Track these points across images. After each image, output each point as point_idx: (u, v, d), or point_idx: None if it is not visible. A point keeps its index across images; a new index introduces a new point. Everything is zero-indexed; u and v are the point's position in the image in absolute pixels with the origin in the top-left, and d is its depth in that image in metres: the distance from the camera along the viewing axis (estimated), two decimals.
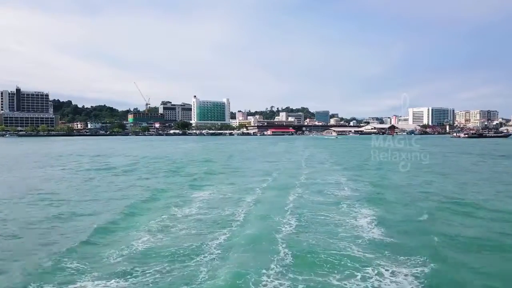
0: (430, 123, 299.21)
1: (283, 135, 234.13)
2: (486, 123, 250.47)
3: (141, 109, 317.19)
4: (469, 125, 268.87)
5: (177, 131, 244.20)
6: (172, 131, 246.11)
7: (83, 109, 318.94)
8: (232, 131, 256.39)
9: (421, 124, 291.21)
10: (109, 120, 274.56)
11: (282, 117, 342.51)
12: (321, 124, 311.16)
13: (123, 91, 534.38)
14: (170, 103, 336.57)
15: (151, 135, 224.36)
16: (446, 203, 15.72)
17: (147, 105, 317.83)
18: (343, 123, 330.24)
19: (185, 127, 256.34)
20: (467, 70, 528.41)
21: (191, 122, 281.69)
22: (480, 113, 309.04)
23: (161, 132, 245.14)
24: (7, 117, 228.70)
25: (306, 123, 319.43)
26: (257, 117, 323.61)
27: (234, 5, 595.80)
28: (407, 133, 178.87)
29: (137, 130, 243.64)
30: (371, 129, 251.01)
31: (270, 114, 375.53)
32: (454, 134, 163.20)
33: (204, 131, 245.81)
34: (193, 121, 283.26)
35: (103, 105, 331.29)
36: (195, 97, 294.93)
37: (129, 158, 43.43)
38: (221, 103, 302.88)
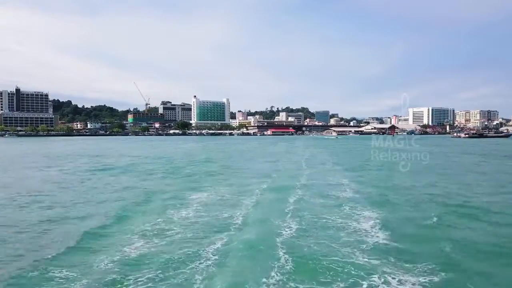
0: (430, 123, 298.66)
1: (283, 135, 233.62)
2: (486, 123, 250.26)
3: (141, 109, 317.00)
4: (469, 125, 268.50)
5: (177, 131, 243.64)
6: (172, 131, 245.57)
7: (83, 109, 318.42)
8: (232, 131, 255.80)
9: (421, 124, 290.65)
10: (109, 120, 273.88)
11: (282, 117, 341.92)
12: (321, 124, 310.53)
13: (123, 91, 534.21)
14: (170, 103, 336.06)
15: (150, 135, 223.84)
16: (452, 206, 15.14)
17: (147, 105, 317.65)
18: (343, 123, 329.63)
19: (185, 127, 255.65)
20: (467, 70, 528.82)
21: (191, 122, 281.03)
22: (480, 113, 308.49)
23: (161, 132, 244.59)
24: (6, 117, 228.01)
25: (306, 123, 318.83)
26: (257, 117, 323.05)
27: (234, 5, 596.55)
28: (407, 133, 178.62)
29: (137, 130, 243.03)
30: (371, 129, 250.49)
31: (270, 114, 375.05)
32: (454, 134, 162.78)
33: (204, 131, 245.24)
34: (193, 121, 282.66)
35: (103, 105, 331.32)
36: (195, 97, 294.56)
37: (127, 158, 42.94)
38: (221, 103, 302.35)
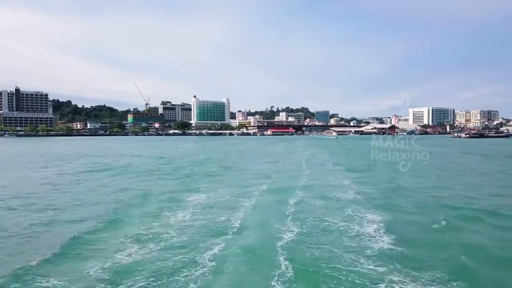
0: (430, 123, 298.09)
1: (283, 135, 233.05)
2: (486, 123, 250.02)
3: (141, 109, 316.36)
4: (470, 125, 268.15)
5: (176, 131, 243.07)
6: (171, 131, 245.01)
7: (82, 109, 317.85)
8: (232, 131, 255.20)
9: (422, 124, 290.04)
10: (108, 120, 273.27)
11: (282, 117, 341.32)
12: (321, 124, 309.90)
13: (123, 91, 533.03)
14: (170, 103, 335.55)
15: (150, 135, 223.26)
16: (458, 208, 14.60)
17: (146, 105, 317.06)
18: (343, 123, 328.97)
19: (184, 127, 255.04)
20: (467, 70, 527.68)
21: (191, 122, 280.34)
22: (480, 113, 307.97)
23: (160, 132, 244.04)
24: (6, 117, 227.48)
25: (306, 123, 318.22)
26: (257, 117, 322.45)
27: (234, 5, 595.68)
28: (408, 133, 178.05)
29: (137, 130, 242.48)
30: (372, 129, 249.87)
31: (270, 114, 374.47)
32: (455, 134, 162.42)
33: (204, 131, 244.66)
34: (193, 121, 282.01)
35: (103, 105, 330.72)
36: (195, 97, 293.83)
37: (126, 158, 42.46)
38: (221, 103, 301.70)
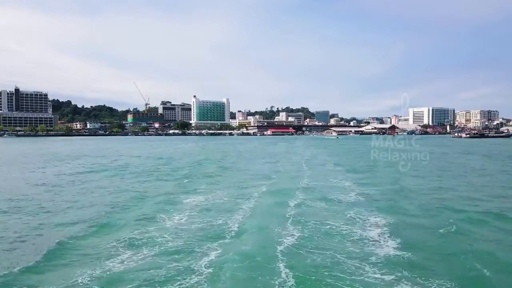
0: (430, 123, 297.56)
1: (283, 135, 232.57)
2: (486, 123, 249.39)
3: (141, 109, 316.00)
4: (470, 125, 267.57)
5: (176, 131, 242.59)
6: (171, 131, 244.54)
7: (82, 109, 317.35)
8: (232, 131, 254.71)
9: (422, 124, 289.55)
10: (108, 120, 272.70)
11: (282, 117, 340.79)
12: (321, 124, 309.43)
13: (123, 91, 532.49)
14: (169, 103, 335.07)
15: (150, 135, 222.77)
16: (465, 211, 14.07)
17: (146, 105, 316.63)
18: (343, 123, 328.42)
19: (184, 127, 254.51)
20: (467, 70, 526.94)
21: (190, 122, 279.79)
22: (480, 113, 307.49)
23: (160, 132, 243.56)
24: (5, 117, 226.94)
25: (306, 123, 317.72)
26: (257, 117, 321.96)
27: (234, 5, 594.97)
28: (408, 133, 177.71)
29: (137, 130, 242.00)
30: (372, 129, 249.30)
31: (270, 114, 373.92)
32: (455, 134, 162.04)
33: (203, 131, 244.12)
34: (193, 121, 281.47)
35: (103, 105, 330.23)
36: (195, 97, 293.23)
37: (125, 159, 41.99)
38: (221, 103, 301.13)
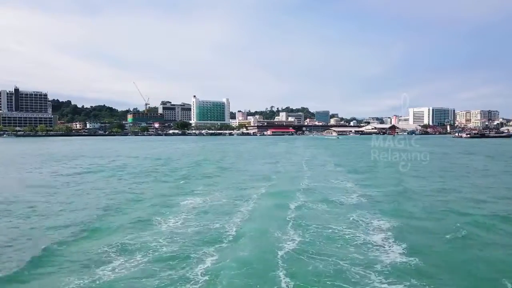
0: (430, 123, 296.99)
1: (283, 135, 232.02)
2: (487, 123, 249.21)
3: (141, 109, 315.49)
4: (470, 125, 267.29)
5: (176, 131, 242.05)
6: (171, 131, 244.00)
7: (82, 109, 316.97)
8: (231, 131, 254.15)
9: (422, 124, 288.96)
10: (108, 120, 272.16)
11: (282, 117, 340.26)
12: (321, 124, 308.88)
13: (123, 91, 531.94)
14: (169, 103, 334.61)
15: (150, 135, 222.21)
16: (472, 215, 13.50)
17: (146, 105, 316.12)
18: (343, 123, 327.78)
19: (184, 127, 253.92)
20: (467, 70, 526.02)
21: (190, 122, 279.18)
22: (481, 113, 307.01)
23: (160, 132, 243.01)
24: (5, 117, 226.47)
25: (306, 123, 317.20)
26: (257, 117, 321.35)
27: (234, 5, 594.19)
28: (408, 133, 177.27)
29: (136, 130, 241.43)
30: (372, 129, 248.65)
31: (270, 114, 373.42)
32: (456, 134, 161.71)
33: (203, 131, 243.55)
34: (193, 121, 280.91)
35: (103, 105, 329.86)
36: (195, 97, 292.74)
37: (123, 159, 41.48)
38: (221, 103, 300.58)
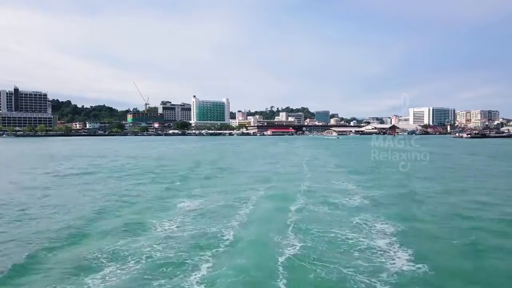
0: (430, 123, 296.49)
1: (283, 135, 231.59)
2: (487, 123, 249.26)
3: (141, 109, 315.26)
4: (470, 125, 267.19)
5: (176, 131, 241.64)
6: (171, 131, 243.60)
7: (82, 109, 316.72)
8: (231, 131, 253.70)
9: (422, 124, 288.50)
10: (108, 120, 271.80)
11: (282, 117, 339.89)
12: (321, 124, 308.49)
13: (123, 91, 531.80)
14: (169, 103, 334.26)
15: (150, 135, 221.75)
16: (478, 219, 12.96)
17: (146, 105, 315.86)
18: (343, 123, 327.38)
19: (184, 127, 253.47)
20: (467, 70, 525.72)
21: (190, 122, 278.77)
22: (481, 113, 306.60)
23: (160, 132, 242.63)
24: (5, 117, 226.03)
25: (306, 123, 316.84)
26: (257, 117, 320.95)
27: (234, 5, 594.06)
28: (408, 133, 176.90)
29: (136, 130, 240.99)
30: (372, 129, 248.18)
31: (270, 114, 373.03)
32: (456, 134, 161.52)
33: (203, 131, 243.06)
34: (193, 121, 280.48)
35: (103, 105, 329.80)
36: (195, 97, 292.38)
37: (120, 160, 40.98)
38: (221, 103, 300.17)
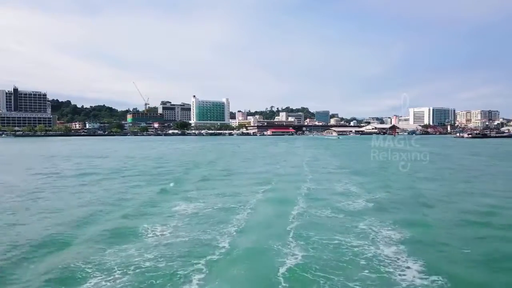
0: (431, 123, 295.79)
1: (283, 135, 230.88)
2: (487, 123, 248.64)
3: (141, 109, 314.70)
4: (470, 125, 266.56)
5: (176, 131, 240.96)
6: (171, 131, 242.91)
7: (82, 109, 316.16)
8: (231, 131, 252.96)
9: (422, 124, 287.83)
10: (107, 120, 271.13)
11: (282, 117, 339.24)
12: (321, 124, 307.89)
13: (123, 91, 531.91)
14: (169, 103, 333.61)
15: (149, 135, 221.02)
16: (488, 225, 12.26)
17: (146, 105, 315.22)
18: (343, 123, 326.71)
19: (184, 127, 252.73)
20: (467, 70, 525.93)
21: (190, 122, 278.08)
22: (481, 113, 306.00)
23: (160, 132, 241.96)
24: (4, 117, 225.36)
25: (306, 123, 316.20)
26: (257, 117, 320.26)
27: (234, 5, 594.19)
28: (409, 133, 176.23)
29: (136, 130, 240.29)
30: (372, 129, 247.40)
31: (270, 114, 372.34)
32: (457, 134, 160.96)
33: (203, 131, 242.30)
34: (193, 121, 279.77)
35: (102, 105, 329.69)
36: (195, 97, 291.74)
37: (118, 160, 40.29)
38: (221, 103, 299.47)
